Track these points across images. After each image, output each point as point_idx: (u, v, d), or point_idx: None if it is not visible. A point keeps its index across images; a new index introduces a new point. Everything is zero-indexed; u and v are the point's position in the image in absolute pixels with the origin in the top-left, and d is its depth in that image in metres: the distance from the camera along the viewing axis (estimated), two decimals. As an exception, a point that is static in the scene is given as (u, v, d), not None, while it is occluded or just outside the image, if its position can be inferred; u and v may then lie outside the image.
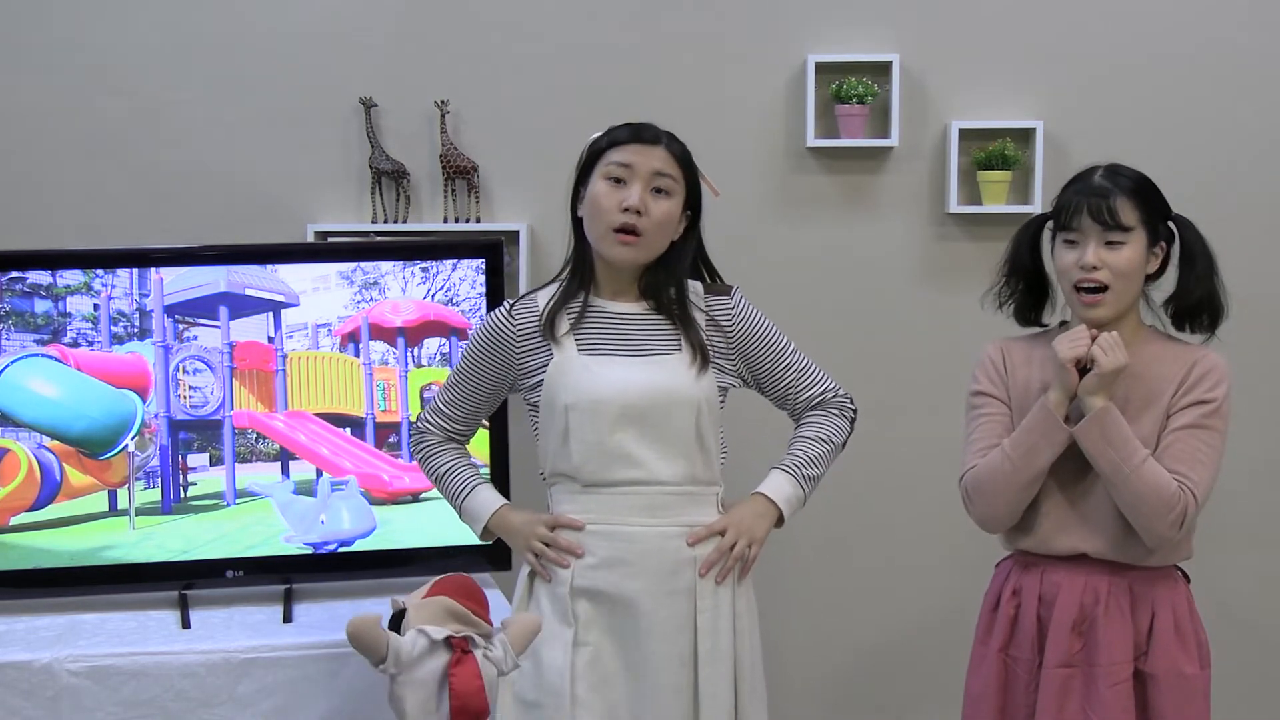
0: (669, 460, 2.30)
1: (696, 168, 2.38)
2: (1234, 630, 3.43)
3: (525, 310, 2.39)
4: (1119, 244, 2.21)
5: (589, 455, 2.30)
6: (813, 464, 2.42)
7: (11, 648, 2.60)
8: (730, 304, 2.39)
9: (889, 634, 3.48)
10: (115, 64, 3.27)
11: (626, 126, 2.34)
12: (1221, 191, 3.33)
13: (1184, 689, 2.26)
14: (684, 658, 2.29)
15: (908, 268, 3.40)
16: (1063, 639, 2.27)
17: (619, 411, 2.28)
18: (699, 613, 2.29)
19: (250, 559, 2.86)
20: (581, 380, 2.30)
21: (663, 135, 2.34)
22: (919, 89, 3.32)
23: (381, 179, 3.27)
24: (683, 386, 2.30)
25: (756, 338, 2.40)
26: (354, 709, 2.59)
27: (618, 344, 2.33)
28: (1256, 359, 3.36)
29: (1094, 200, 2.21)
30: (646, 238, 2.29)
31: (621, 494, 2.30)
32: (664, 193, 2.30)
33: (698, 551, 2.31)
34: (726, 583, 2.33)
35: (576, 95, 3.27)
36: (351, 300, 2.89)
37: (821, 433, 2.44)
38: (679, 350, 2.33)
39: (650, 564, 2.29)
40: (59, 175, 3.29)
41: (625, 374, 2.30)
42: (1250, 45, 3.33)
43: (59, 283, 2.79)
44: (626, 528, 2.30)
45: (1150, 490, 2.17)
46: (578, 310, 2.35)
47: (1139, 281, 2.25)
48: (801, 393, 2.44)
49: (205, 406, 2.85)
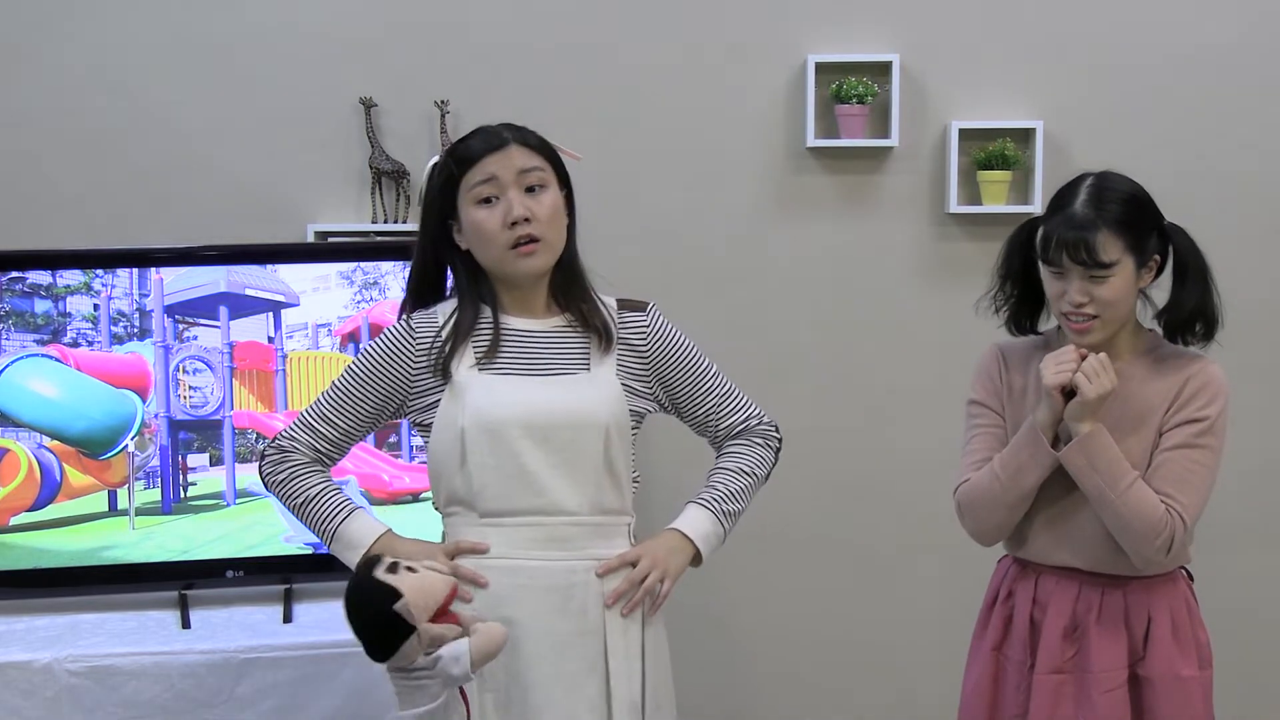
0: (575, 488, 2.11)
1: (552, 145, 2.18)
2: (1234, 630, 3.44)
3: (426, 326, 2.17)
4: (1103, 278, 2.14)
5: (487, 481, 2.10)
6: (733, 499, 2.24)
7: (11, 648, 2.60)
8: (645, 321, 2.22)
9: (888, 634, 3.48)
10: (115, 64, 3.27)
11: (468, 142, 2.15)
12: (1221, 192, 3.33)
13: (1181, 692, 2.24)
14: (593, 703, 2.10)
15: (908, 268, 3.40)
16: (1055, 645, 2.26)
17: (520, 433, 2.09)
18: (610, 655, 2.11)
19: (250, 559, 2.86)
20: (481, 400, 2.10)
21: (507, 132, 2.13)
22: (919, 89, 3.32)
23: (381, 179, 3.27)
24: (590, 408, 2.12)
25: (674, 358, 2.23)
26: (354, 709, 2.59)
27: (522, 363, 2.14)
28: (1256, 359, 3.36)
29: (1072, 237, 2.13)
30: (546, 240, 2.11)
31: (523, 525, 2.10)
32: (540, 187, 2.12)
33: (607, 586, 2.12)
34: (635, 620, 2.14)
35: (576, 95, 3.27)
36: (351, 300, 2.89)
37: (743, 464, 2.27)
38: (587, 370, 2.16)
39: (554, 600, 2.09)
40: (59, 175, 3.29)
41: (529, 394, 2.12)
42: (1250, 45, 3.33)
43: (59, 283, 2.79)
44: (528, 562, 2.10)
45: (1136, 515, 2.14)
46: (487, 329, 2.15)
47: (1130, 303, 2.20)
48: (724, 419, 2.27)
49: (205, 406, 2.85)
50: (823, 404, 3.37)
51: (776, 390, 3.25)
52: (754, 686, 3.48)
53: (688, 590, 3.43)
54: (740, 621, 3.45)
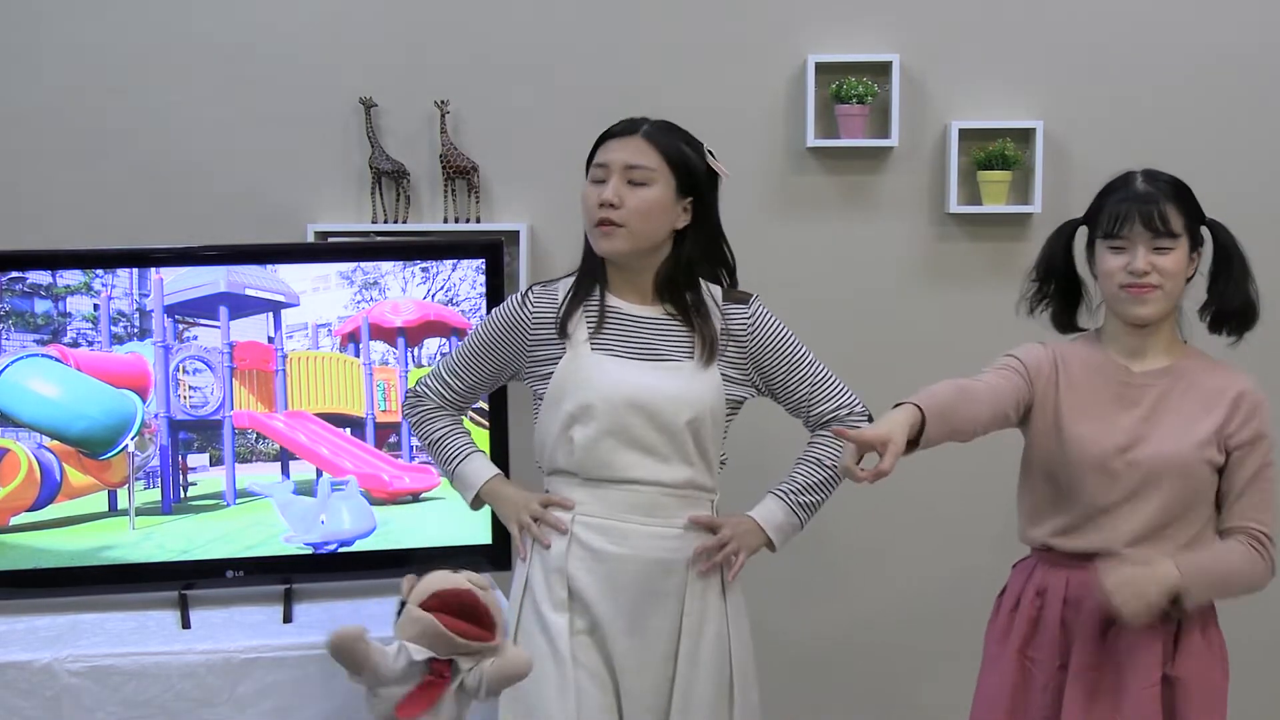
0: (668, 464, 2.32)
1: (689, 152, 2.35)
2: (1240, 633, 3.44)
3: (543, 301, 2.40)
4: (1167, 249, 2.23)
5: (590, 452, 2.32)
6: (811, 490, 2.42)
7: (11, 648, 2.60)
8: (747, 312, 2.39)
9: (887, 634, 3.48)
10: (115, 64, 3.27)
11: (611, 126, 2.36)
12: (1222, 191, 3.31)
13: (1211, 695, 2.25)
14: (667, 656, 2.32)
15: (908, 268, 3.40)
16: (1090, 642, 2.26)
17: (625, 412, 2.29)
18: (685, 615, 2.32)
19: (250, 559, 2.86)
20: (593, 377, 2.31)
21: (642, 125, 2.33)
22: (919, 89, 3.32)
23: (381, 179, 3.27)
24: (689, 394, 2.31)
25: (772, 348, 2.40)
26: (354, 709, 2.58)
27: (630, 346, 2.34)
28: (1257, 358, 3.36)
29: (1145, 208, 2.22)
30: (628, 227, 2.28)
31: (619, 490, 2.32)
32: (642, 183, 2.29)
33: (688, 554, 2.33)
34: (715, 587, 2.36)
35: (576, 95, 3.27)
36: (351, 300, 2.89)
37: (823, 455, 2.43)
38: (690, 358, 2.34)
39: (641, 562, 2.31)
40: (59, 175, 3.29)
41: (636, 376, 2.31)
42: (1250, 45, 3.33)
43: (59, 283, 2.79)
44: (620, 524, 2.32)
45: (1248, 582, 2.24)
46: (596, 308, 2.36)
47: (1183, 285, 2.28)
48: (815, 406, 2.43)
49: (205, 406, 2.85)
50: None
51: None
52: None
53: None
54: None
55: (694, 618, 2.32)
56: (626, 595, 2.31)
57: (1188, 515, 2.25)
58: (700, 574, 2.34)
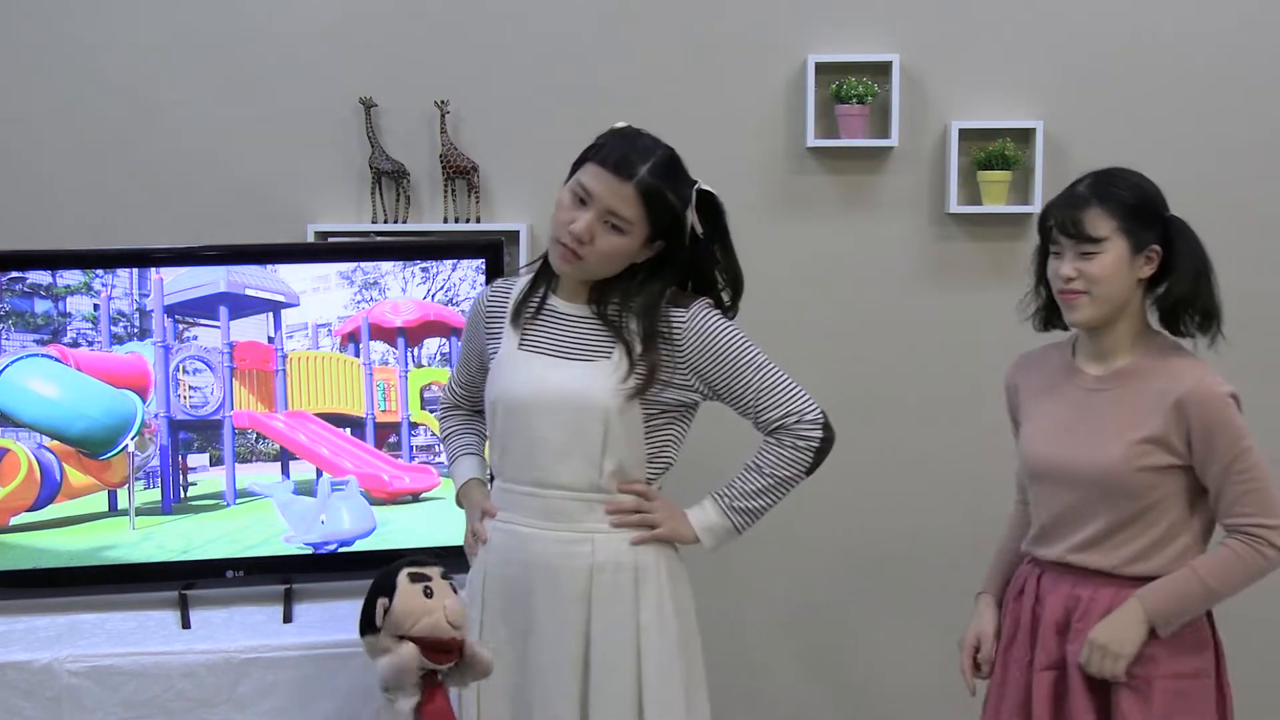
0: (572, 466, 2.25)
1: (675, 206, 2.24)
2: (1247, 633, 3.44)
3: (497, 296, 2.41)
4: (1091, 254, 2.23)
5: (503, 451, 2.32)
6: (747, 496, 2.32)
7: (11, 648, 2.60)
8: (685, 317, 2.27)
9: (887, 634, 3.48)
10: (115, 64, 3.27)
11: (616, 146, 2.23)
12: (1221, 191, 3.33)
13: (1176, 691, 2.24)
14: (574, 662, 2.25)
15: (908, 268, 3.40)
16: (1050, 640, 2.30)
17: (532, 410, 2.26)
18: (592, 621, 2.25)
19: (250, 559, 2.86)
20: (507, 376, 2.31)
21: (640, 170, 2.20)
22: (919, 89, 3.32)
23: (381, 179, 3.27)
24: (597, 393, 2.23)
25: (711, 353, 2.27)
26: (354, 709, 2.59)
27: (554, 344, 2.30)
28: (1258, 355, 3.37)
29: (1063, 213, 2.25)
30: (586, 262, 2.23)
31: (524, 494, 2.29)
32: (617, 230, 2.21)
33: (594, 560, 2.26)
34: (625, 595, 2.26)
35: (576, 95, 3.27)
36: (351, 300, 2.89)
37: (764, 463, 2.32)
38: (608, 358, 2.26)
39: (543, 568, 2.27)
40: (59, 175, 3.29)
41: (546, 373, 2.27)
42: (1250, 45, 3.33)
43: (59, 283, 2.79)
44: (524, 529, 2.29)
45: (1245, 579, 2.22)
46: (534, 306, 2.34)
47: (1122, 286, 2.24)
48: (763, 412, 2.31)
49: (205, 406, 2.85)
50: (822, 404, 3.36)
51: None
52: (755, 685, 3.48)
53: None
54: (739, 620, 3.45)
55: (600, 625, 2.25)
56: (529, 602, 2.27)
57: (1139, 522, 2.24)
58: (612, 525, 2.28)
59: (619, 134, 2.27)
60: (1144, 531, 2.23)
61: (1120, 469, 2.21)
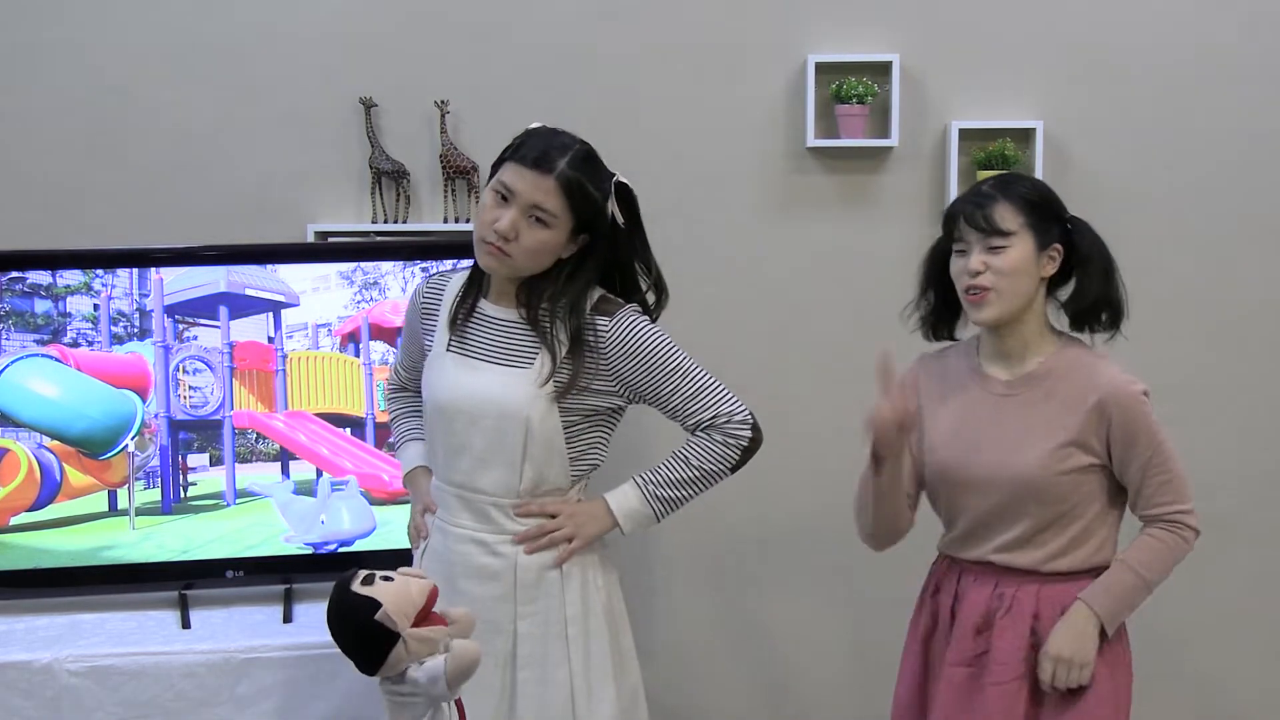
0: (493, 474, 2.31)
1: (596, 198, 2.28)
2: (1236, 631, 3.44)
3: (432, 292, 2.44)
4: (1000, 248, 2.25)
5: (433, 450, 2.39)
6: (671, 485, 2.35)
7: (11, 648, 2.61)
8: (608, 325, 2.29)
9: (888, 633, 3.47)
10: (115, 64, 3.27)
11: (535, 144, 2.26)
12: (1221, 191, 3.33)
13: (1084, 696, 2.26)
14: (499, 659, 2.29)
15: (908, 268, 3.37)
16: (965, 639, 2.33)
17: (453, 415, 2.31)
18: (519, 618, 2.31)
19: (250, 559, 2.86)
20: (435, 377, 2.36)
21: (560, 164, 2.24)
22: (919, 89, 3.31)
23: (381, 179, 3.27)
24: (516, 399, 2.27)
25: (635, 360, 2.30)
26: (354, 709, 2.60)
27: (481, 348, 2.33)
28: (1256, 357, 3.36)
29: (970, 208, 2.28)
30: (514, 259, 2.26)
31: (452, 494, 2.35)
32: (541, 223, 2.24)
33: (516, 560, 2.31)
34: (551, 590, 2.32)
35: (576, 96, 3.27)
36: (351, 300, 2.89)
37: (691, 454, 2.35)
38: (531, 364, 2.29)
39: (469, 565, 2.33)
40: (59, 175, 3.28)
41: (469, 378, 2.31)
42: (1249, 46, 3.33)
43: (59, 283, 2.79)
44: (453, 528, 2.35)
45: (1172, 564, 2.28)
46: (467, 308, 2.37)
47: (1028, 283, 2.27)
48: (692, 415, 2.33)
49: (205, 406, 2.86)
50: (823, 404, 3.37)
51: (776, 389, 3.25)
52: (753, 685, 3.48)
53: (691, 590, 3.44)
54: (738, 619, 3.45)
55: (528, 621, 2.31)
56: (455, 600, 2.26)
57: (1061, 521, 2.28)
58: (526, 553, 2.31)
59: (535, 133, 2.30)
60: (1065, 529, 2.28)
61: (1041, 475, 2.25)
